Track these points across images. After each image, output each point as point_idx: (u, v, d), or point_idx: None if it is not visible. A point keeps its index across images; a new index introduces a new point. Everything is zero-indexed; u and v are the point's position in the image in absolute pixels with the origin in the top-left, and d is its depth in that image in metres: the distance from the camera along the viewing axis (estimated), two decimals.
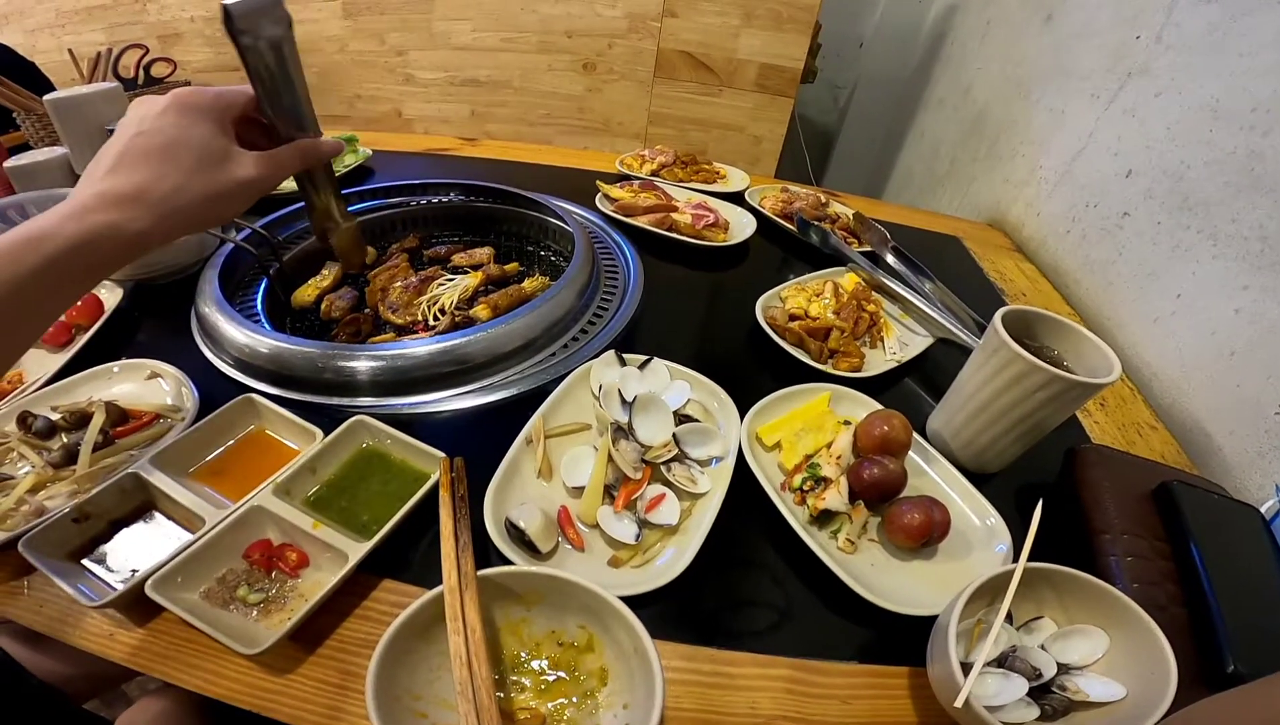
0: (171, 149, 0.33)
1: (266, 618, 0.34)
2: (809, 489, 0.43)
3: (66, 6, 1.64)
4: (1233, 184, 0.59)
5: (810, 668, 0.36)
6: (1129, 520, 0.44)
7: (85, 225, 0.30)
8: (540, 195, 0.77)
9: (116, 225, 0.31)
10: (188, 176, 0.34)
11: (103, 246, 0.30)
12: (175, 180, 0.33)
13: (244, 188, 0.37)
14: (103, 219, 0.30)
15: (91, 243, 0.30)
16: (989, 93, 1.11)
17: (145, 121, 0.34)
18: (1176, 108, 0.68)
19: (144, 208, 0.32)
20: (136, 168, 0.32)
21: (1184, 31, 0.68)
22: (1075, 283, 0.79)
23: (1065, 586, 0.37)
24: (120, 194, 0.31)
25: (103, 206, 0.31)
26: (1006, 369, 0.42)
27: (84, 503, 0.37)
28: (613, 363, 0.50)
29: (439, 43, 1.43)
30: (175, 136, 0.34)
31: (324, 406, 0.48)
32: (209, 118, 0.35)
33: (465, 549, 0.33)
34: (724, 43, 1.29)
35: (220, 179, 0.35)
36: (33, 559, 0.34)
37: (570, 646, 0.35)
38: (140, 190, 0.32)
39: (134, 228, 0.31)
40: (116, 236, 0.31)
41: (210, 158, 0.35)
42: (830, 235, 0.73)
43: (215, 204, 0.35)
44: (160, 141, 0.33)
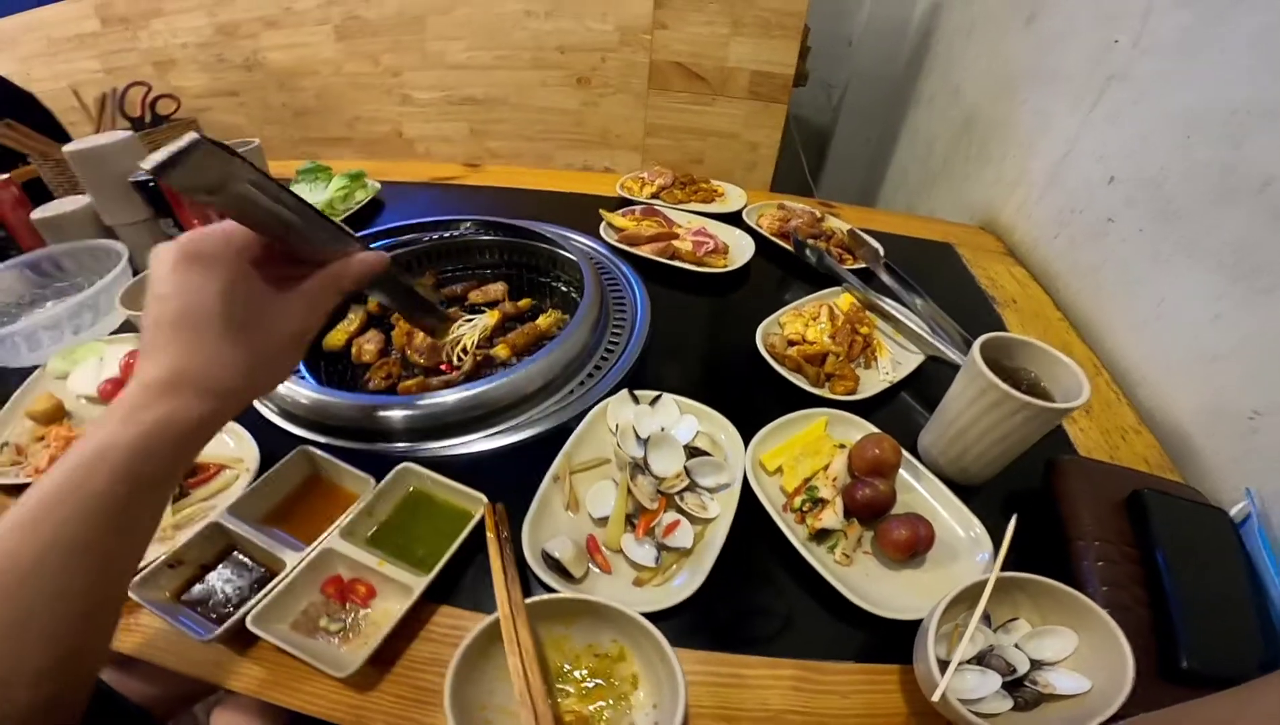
0: (188, 317, 0.32)
1: (347, 643, 0.42)
2: (808, 509, 0.50)
3: (57, 34, 1.72)
4: (1208, 194, 0.64)
5: (813, 668, 0.44)
6: (1102, 527, 0.50)
7: (141, 426, 0.30)
8: (548, 227, 0.84)
9: (170, 418, 0.30)
10: (217, 345, 0.32)
11: (164, 446, 0.30)
12: (206, 354, 0.32)
13: (286, 341, 0.35)
14: (152, 416, 0.30)
15: (149, 445, 0.30)
16: (977, 92, 1.17)
17: (158, 284, 0.32)
18: (1154, 115, 0.72)
19: (189, 391, 0.31)
20: (167, 346, 0.32)
21: (1160, 37, 0.72)
22: (1065, 286, 0.85)
23: (1037, 592, 0.43)
24: (161, 381, 0.31)
25: (149, 400, 0.30)
26: (985, 395, 0.48)
27: (177, 551, 0.45)
28: (626, 401, 0.57)
29: (433, 62, 1.50)
30: (187, 302, 0.32)
31: (365, 452, 0.56)
32: (221, 268, 0.33)
33: (513, 581, 0.41)
34: (714, 52, 1.34)
35: (255, 342, 0.34)
36: (142, 601, 0.42)
37: (605, 657, 0.42)
38: (178, 373, 0.31)
39: (191, 415, 0.31)
40: (175, 428, 0.31)
41: (233, 320, 0.33)
42: (825, 256, 0.80)
43: (266, 367, 0.35)
44: (176, 308, 0.32)
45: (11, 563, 0.27)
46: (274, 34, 1.54)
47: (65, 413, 0.62)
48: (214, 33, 1.57)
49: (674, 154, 1.49)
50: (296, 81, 1.58)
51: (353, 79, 1.55)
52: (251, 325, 0.34)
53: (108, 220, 0.84)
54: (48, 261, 0.84)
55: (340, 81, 1.56)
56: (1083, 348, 0.76)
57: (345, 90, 1.57)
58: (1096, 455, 0.62)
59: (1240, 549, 0.50)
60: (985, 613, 0.42)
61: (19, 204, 0.89)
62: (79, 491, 0.28)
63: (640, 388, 0.60)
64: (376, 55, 1.51)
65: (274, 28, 1.53)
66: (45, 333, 0.68)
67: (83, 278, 0.85)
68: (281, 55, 1.56)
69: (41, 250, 0.83)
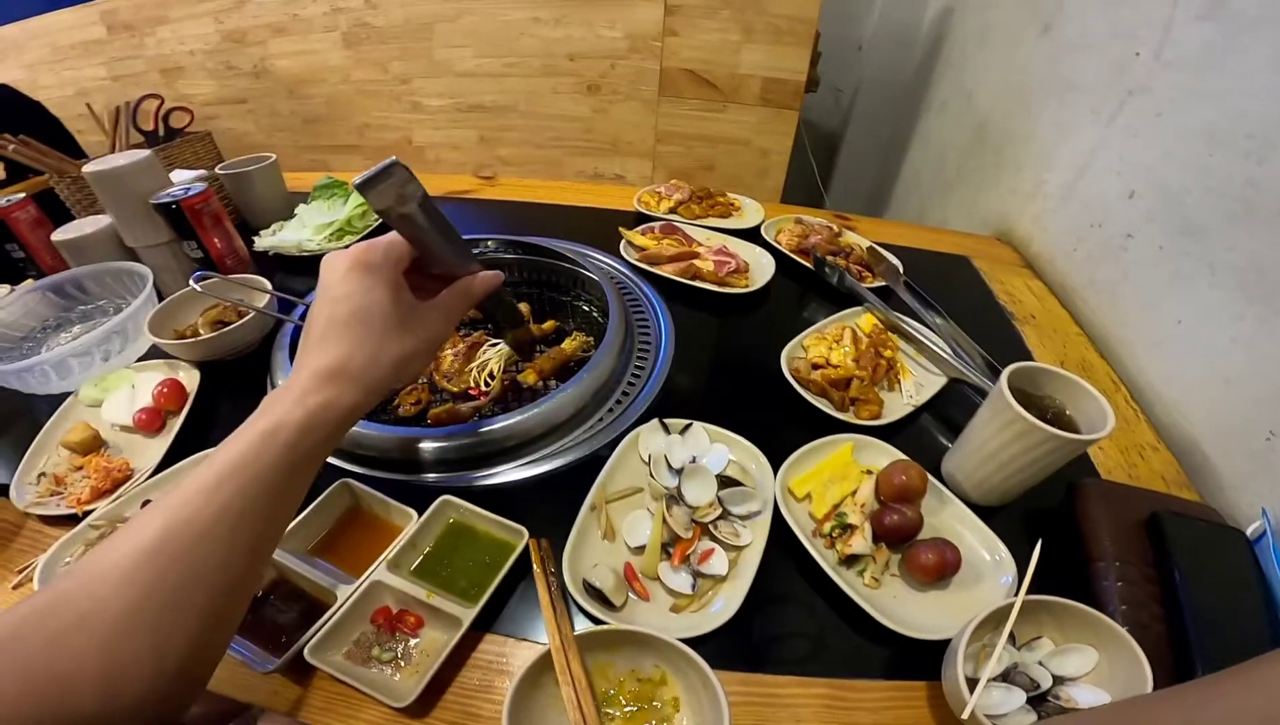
0: (360, 316, 0.38)
1: (400, 672, 0.45)
2: (837, 535, 0.53)
3: (62, 41, 1.74)
4: (1230, 212, 0.64)
5: (844, 686, 0.46)
6: (1122, 548, 0.53)
7: (308, 408, 0.35)
8: (567, 245, 0.86)
9: (331, 402, 0.36)
10: (378, 345, 0.39)
11: (323, 425, 0.36)
12: (368, 350, 0.38)
13: (424, 345, 0.42)
14: (318, 399, 0.36)
15: (314, 424, 0.35)
16: (991, 100, 1.18)
17: (332, 287, 0.39)
18: (1176, 130, 0.73)
19: (349, 381, 0.37)
20: (338, 340, 0.38)
21: (1182, 50, 0.72)
22: (1083, 301, 0.87)
23: (1060, 612, 0.45)
24: (329, 370, 0.37)
25: (317, 386, 0.36)
26: (1011, 426, 0.50)
27: None
28: (657, 430, 0.60)
29: (441, 70, 1.52)
30: (361, 303, 0.39)
31: (400, 482, 0.58)
32: (384, 277, 0.40)
33: (562, 615, 0.44)
34: (725, 59, 1.36)
35: (405, 342, 0.40)
36: None
37: (648, 681, 0.45)
38: (343, 364, 0.37)
39: (346, 402, 0.37)
40: (333, 412, 0.36)
41: (392, 321, 0.39)
42: (846, 275, 0.82)
43: (405, 365, 0.41)
44: (349, 308, 0.38)
45: (188, 526, 0.31)
46: (282, 41, 1.56)
47: (103, 442, 0.64)
48: (221, 40, 1.59)
49: (685, 161, 1.51)
50: (305, 89, 1.61)
51: (361, 86, 1.58)
52: (405, 327, 0.41)
53: (130, 242, 0.86)
54: (71, 284, 0.86)
55: (349, 89, 1.58)
56: (1102, 364, 0.78)
57: (354, 97, 1.59)
58: (1115, 473, 0.64)
59: (1256, 568, 0.52)
60: (1010, 632, 0.45)
61: (38, 224, 0.91)
62: (255, 463, 0.33)
63: (668, 413, 0.63)
64: (385, 62, 1.53)
65: (282, 35, 1.55)
66: (75, 360, 0.70)
67: (106, 300, 0.87)
68: (290, 62, 1.58)
69: (65, 273, 0.85)
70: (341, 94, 1.61)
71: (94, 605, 0.29)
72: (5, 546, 0.56)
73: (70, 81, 1.76)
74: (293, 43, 1.56)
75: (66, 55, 1.75)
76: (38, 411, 0.69)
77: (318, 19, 1.51)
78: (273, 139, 1.73)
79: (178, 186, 0.83)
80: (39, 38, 1.74)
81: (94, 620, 0.29)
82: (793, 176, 1.54)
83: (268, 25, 1.55)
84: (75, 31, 1.68)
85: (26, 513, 0.57)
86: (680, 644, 0.43)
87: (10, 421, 0.70)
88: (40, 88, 1.79)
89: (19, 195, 0.88)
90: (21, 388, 0.68)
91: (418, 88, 1.56)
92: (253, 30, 1.57)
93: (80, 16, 1.64)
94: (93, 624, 0.29)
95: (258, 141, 1.74)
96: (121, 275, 0.85)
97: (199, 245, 0.84)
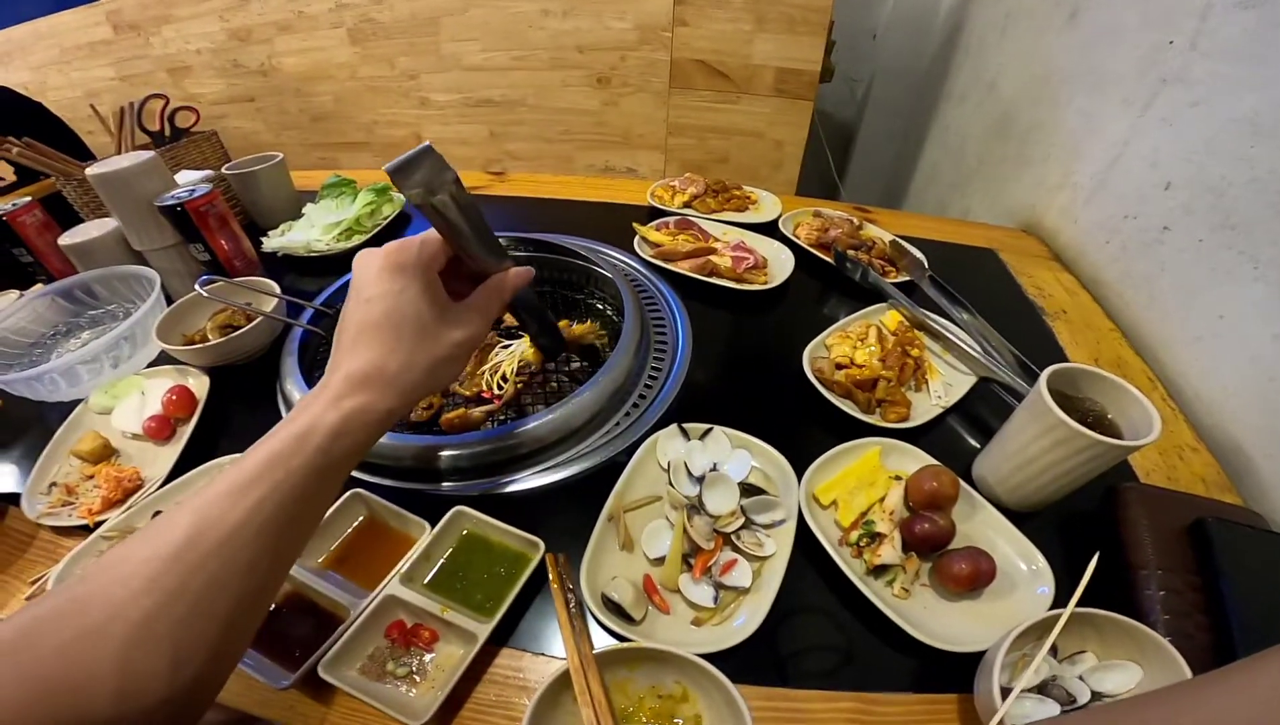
0: (393, 318, 0.38)
1: (415, 687, 0.44)
2: (865, 544, 0.51)
3: (69, 42, 1.75)
4: (1275, 205, 0.62)
5: (870, 699, 0.45)
6: (1165, 555, 0.51)
7: (342, 412, 0.35)
8: (580, 241, 0.85)
9: (366, 407, 0.36)
10: (412, 349, 0.38)
11: (357, 430, 0.36)
12: (403, 355, 0.38)
13: (459, 348, 0.42)
14: (352, 403, 0.36)
15: (347, 428, 0.35)
16: (1014, 90, 1.15)
17: (365, 287, 0.39)
18: (1215, 120, 0.71)
19: (383, 385, 0.37)
20: (371, 344, 0.38)
21: (1220, 39, 0.70)
22: (1117, 296, 0.84)
23: (1105, 625, 0.44)
24: (363, 374, 0.37)
25: (350, 390, 0.36)
26: (1052, 432, 0.48)
27: None
28: (676, 436, 0.58)
29: (449, 65, 1.51)
30: (394, 305, 0.38)
31: (412, 491, 0.57)
32: (419, 277, 0.39)
33: (581, 634, 0.43)
34: (738, 49, 1.34)
35: (440, 345, 0.40)
36: None
37: (669, 697, 0.44)
38: (378, 369, 0.37)
39: (381, 407, 0.37)
40: (367, 416, 0.36)
41: (427, 325, 0.39)
42: (869, 271, 0.80)
43: (439, 369, 0.40)
44: (382, 310, 0.38)
45: (215, 529, 0.31)
46: (287, 39, 1.55)
47: (113, 451, 0.64)
48: (227, 38, 1.59)
49: (698, 154, 1.49)
50: (312, 86, 1.60)
51: (369, 82, 1.57)
52: (439, 329, 0.40)
53: (136, 245, 0.85)
54: (79, 289, 0.86)
55: (357, 85, 1.58)
56: (1137, 361, 0.76)
57: (362, 94, 1.59)
58: (1154, 475, 0.62)
59: None
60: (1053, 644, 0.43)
61: (45, 227, 0.91)
62: (287, 464, 0.33)
63: (686, 416, 0.61)
64: (392, 58, 1.53)
65: (287, 32, 1.55)
66: (83, 368, 0.69)
67: (115, 305, 0.87)
68: (296, 60, 1.58)
69: (73, 277, 0.85)
70: (349, 91, 1.60)
71: (112, 611, 0.29)
72: (18, 557, 0.56)
73: (79, 83, 1.77)
74: (298, 40, 1.56)
75: (74, 56, 1.76)
76: (49, 419, 0.69)
77: (323, 15, 1.51)
78: (281, 137, 1.73)
79: (183, 188, 0.83)
80: (46, 39, 1.75)
81: (112, 627, 0.28)
82: (807, 168, 1.52)
83: (273, 23, 1.54)
84: (81, 32, 1.68)
85: (39, 523, 0.57)
86: (702, 661, 0.41)
87: (22, 429, 0.70)
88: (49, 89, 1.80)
89: (25, 199, 0.88)
90: (31, 396, 0.68)
91: (425, 83, 1.55)
92: (258, 28, 1.56)
93: (85, 17, 1.65)
94: (110, 631, 0.28)
95: (266, 140, 1.74)
96: (129, 279, 0.85)
97: (205, 247, 0.84)
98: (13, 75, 1.80)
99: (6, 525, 0.59)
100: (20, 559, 0.56)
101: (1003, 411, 0.65)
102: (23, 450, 0.67)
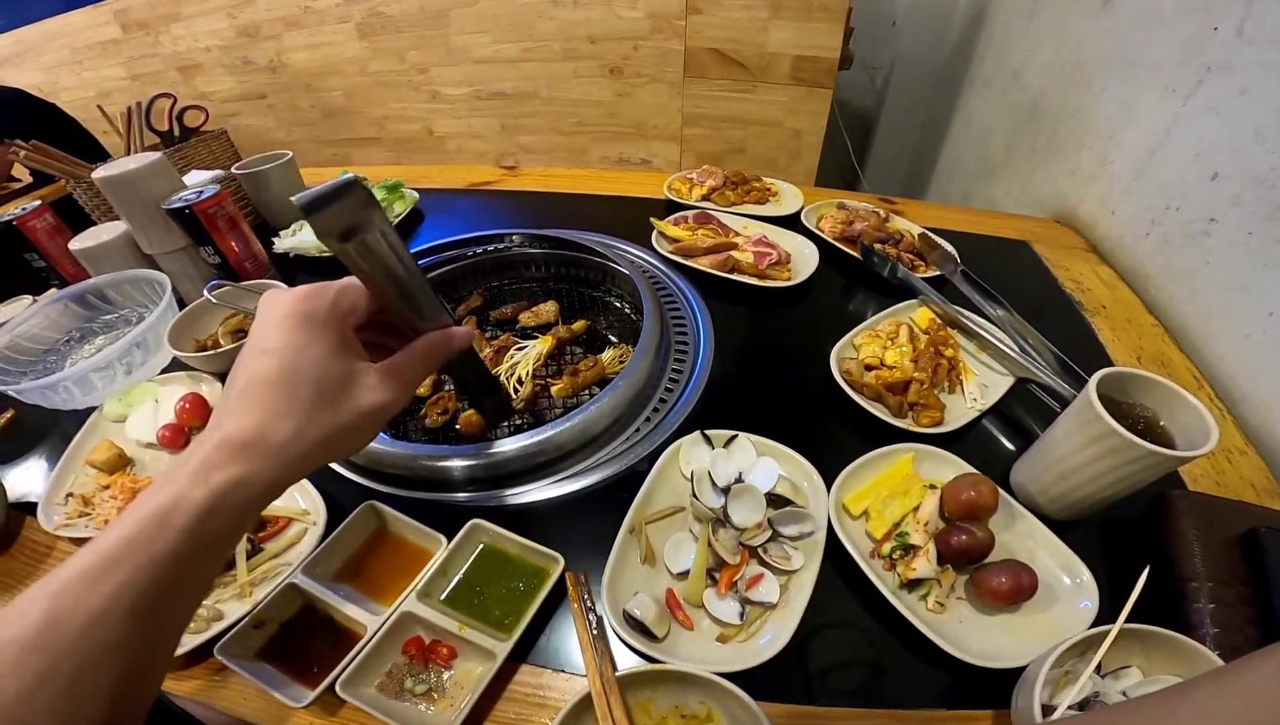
0: (289, 377, 0.33)
1: (434, 705, 0.43)
2: (899, 557, 0.50)
3: (79, 42, 1.76)
4: None
5: (902, 716, 0.43)
6: (1216, 567, 0.48)
7: (212, 486, 0.30)
8: (596, 237, 0.83)
9: (242, 480, 0.31)
10: (306, 415, 0.33)
11: (231, 507, 0.30)
12: (294, 422, 0.32)
13: (367, 419, 0.35)
14: (225, 477, 0.30)
15: (220, 506, 0.30)
16: (1043, 78, 1.11)
17: (263, 336, 0.33)
18: (1265, 109, 0.68)
19: (263, 455, 0.31)
20: (257, 405, 0.32)
21: (1268, 26, 0.68)
22: (1158, 290, 0.81)
23: (1151, 640, 0.42)
24: (241, 442, 0.31)
25: (224, 459, 0.31)
26: (1102, 441, 0.46)
27: (259, 611, 0.46)
28: (699, 443, 0.57)
29: (459, 58, 1.49)
30: (292, 361, 0.33)
31: (428, 501, 0.56)
32: (329, 333, 0.34)
33: (604, 656, 0.42)
34: (753, 37, 1.32)
35: (342, 414, 0.34)
36: (231, 664, 0.44)
37: (693, 717, 0.42)
38: (259, 435, 0.31)
39: (259, 480, 0.31)
40: (242, 492, 0.31)
41: (330, 389, 0.33)
42: (898, 266, 0.78)
43: (337, 441, 0.34)
44: (277, 366, 0.33)
45: (71, 616, 0.27)
46: (296, 35, 1.55)
47: (128, 461, 0.63)
48: (235, 35, 1.59)
49: (714, 144, 1.47)
50: (323, 82, 1.60)
51: (379, 77, 1.56)
52: (342, 395, 0.34)
53: (146, 248, 0.85)
54: (92, 293, 0.86)
55: (367, 80, 1.57)
56: (1182, 358, 0.73)
57: (372, 89, 1.58)
58: (1201, 481, 0.60)
59: None
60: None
61: (56, 231, 0.91)
62: (145, 549, 0.28)
63: (708, 421, 0.60)
64: (401, 52, 1.52)
65: (295, 28, 1.54)
66: (96, 375, 0.69)
67: (129, 309, 0.87)
68: (306, 56, 1.58)
69: (85, 282, 0.85)
70: (360, 86, 1.59)
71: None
72: (36, 569, 0.57)
73: (91, 83, 1.79)
74: (306, 36, 1.55)
75: (84, 56, 1.77)
76: (66, 425, 0.69)
77: (330, 10, 1.50)
78: (293, 134, 1.73)
79: (191, 190, 0.82)
80: (56, 39, 1.76)
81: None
82: (827, 158, 1.49)
83: (280, 18, 1.54)
84: (90, 32, 1.69)
85: (56, 535, 0.57)
86: (727, 683, 0.40)
87: (38, 438, 0.70)
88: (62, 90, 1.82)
89: (35, 203, 0.88)
90: (45, 404, 0.68)
91: (436, 76, 1.54)
92: (266, 24, 1.56)
93: (93, 17, 1.66)
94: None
95: (278, 137, 1.74)
96: (141, 283, 0.84)
97: (216, 250, 0.83)
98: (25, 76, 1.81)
99: (24, 536, 0.59)
100: (38, 571, 0.56)
101: (1043, 414, 0.63)
102: (39, 459, 0.67)
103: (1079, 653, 0.42)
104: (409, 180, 1.08)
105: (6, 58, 1.81)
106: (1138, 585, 0.43)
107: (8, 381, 0.70)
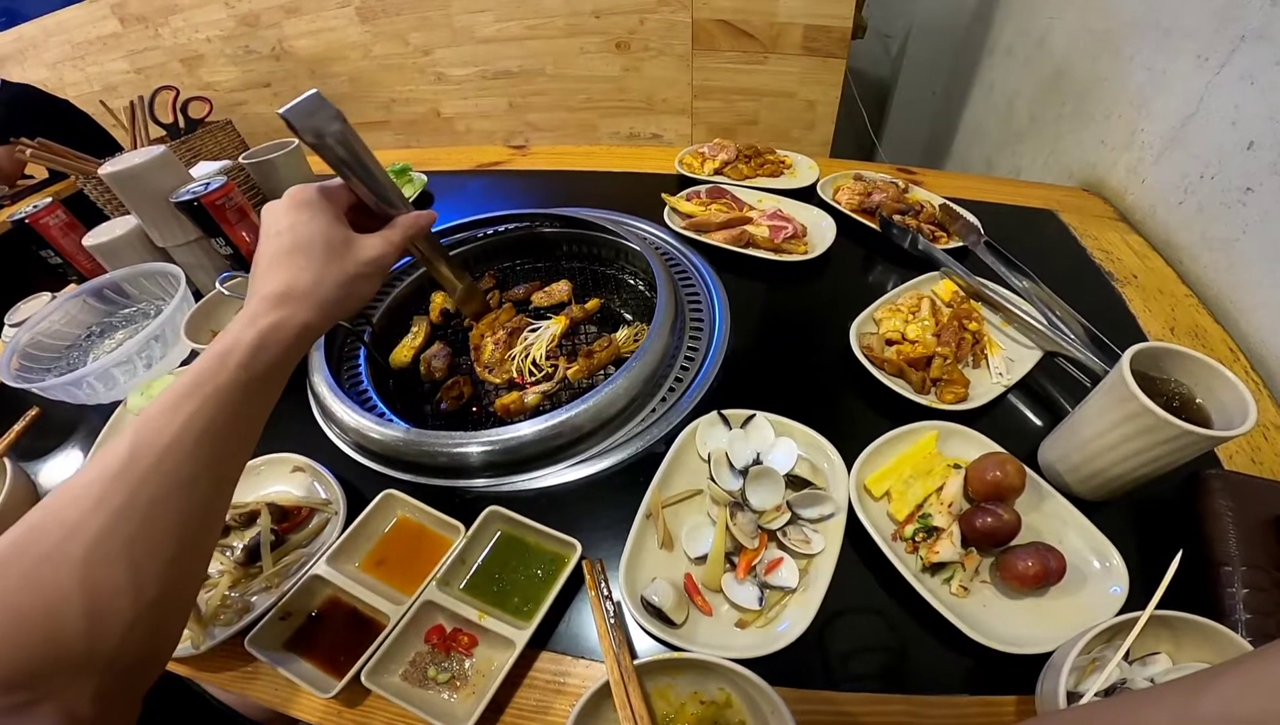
0: (301, 245, 0.41)
1: (456, 693, 0.44)
2: (921, 540, 0.49)
3: (79, 38, 1.76)
4: None
5: (924, 702, 0.43)
6: (1251, 550, 0.47)
7: (258, 329, 0.37)
8: (607, 215, 0.82)
9: (281, 322, 0.38)
10: (322, 266, 0.41)
11: (275, 344, 0.38)
12: (313, 272, 0.41)
13: (370, 266, 0.44)
14: (269, 320, 0.38)
15: (265, 343, 0.37)
16: (1068, 45, 1.08)
17: (273, 225, 0.42)
18: None
19: (296, 301, 0.39)
20: (281, 268, 0.40)
21: None
22: (1192, 260, 0.78)
23: (1180, 626, 0.41)
24: (276, 294, 0.39)
25: (266, 309, 0.39)
26: (1135, 419, 0.44)
27: (285, 603, 0.47)
28: (715, 423, 0.56)
29: (463, 38, 1.47)
30: (301, 234, 0.41)
31: (445, 488, 0.57)
32: (322, 210, 0.43)
33: (622, 646, 0.42)
34: (762, 7, 1.28)
35: (349, 263, 0.43)
36: (261, 655, 0.45)
37: (712, 704, 0.43)
38: (289, 287, 0.40)
39: (296, 321, 0.39)
40: (282, 331, 0.38)
41: (334, 247, 0.42)
42: (919, 238, 0.75)
43: (352, 285, 0.43)
44: (290, 240, 0.41)
45: (152, 444, 0.33)
46: (296, 21, 1.53)
47: None
48: (235, 24, 1.58)
49: (725, 116, 1.44)
50: (327, 68, 1.59)
51: (383, 61, 1.55)
52: (346, 251, 0.43)
53: (158, 242, 0.85)
54: (110, 288, 0.87)
55: (371, 65, 1.56)
56: (1217, 329, 0.70)
57: (377, 73, 1.57)
58: (1237, 458, 0.58)
59: None
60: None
61: (69, 228, 0.91)
62: (212, 383, 0.35)
63: (725, 401, 0.59)
64: (404, 35, 1.50)
65: (295, 15, 1.53)
66: (118, 370, 0.70)
67: (146, 302, 0.88)
68: (308, 42, 1.56)
69: (102, 277, 0.86)
70: (364, 70, 1.58)
71: (66, 532, 0.30)
72: None
73: (96, 77, 1.79)
74: (307, 22, 1.54)
75: (86, 51, 1.77)
76: (92, 420, 0.70)
77: None
78: None
79: (198, 181, 0.82)
80: (56, 35, 1.76)
81: (69, 547, 0.30)
82: (842, 129, 1.45)
83: (279, 6, 1.53)
84: (89, 26, 1.69)
85: None
86: (745, 671, 0.40)
87: (65, 433, 0.71)
88: (68, 85, 1.82)
89: (46, 200, 0.89)
90: (70, 400, 0.69)
91: (440, 58, 1.52)
92: (265, 12, 1.55)
93: (91, 11, 1.65)
94: (68, 551, 0.29)
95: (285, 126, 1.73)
96: (156, 276, 0.85)
97: (227, 241, 0.83)
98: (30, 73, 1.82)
99: None
100: None
101: (1072, 389, 0.61)
102: (68, 454, 0.68)
103: (1106, 639, 0.41)
104: (417, 163, 1.07)
105: (9, 55, 1.82)
106: (1169, 572, 0.42)
107: (32, 378, 0.72)
